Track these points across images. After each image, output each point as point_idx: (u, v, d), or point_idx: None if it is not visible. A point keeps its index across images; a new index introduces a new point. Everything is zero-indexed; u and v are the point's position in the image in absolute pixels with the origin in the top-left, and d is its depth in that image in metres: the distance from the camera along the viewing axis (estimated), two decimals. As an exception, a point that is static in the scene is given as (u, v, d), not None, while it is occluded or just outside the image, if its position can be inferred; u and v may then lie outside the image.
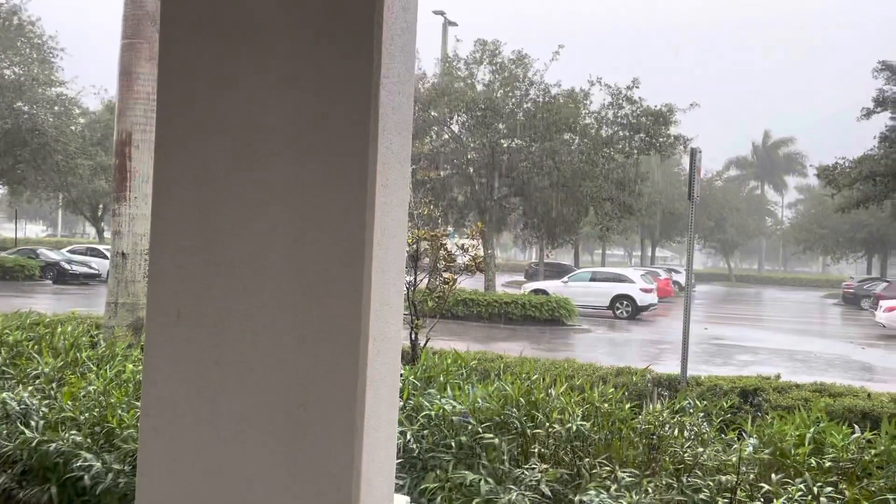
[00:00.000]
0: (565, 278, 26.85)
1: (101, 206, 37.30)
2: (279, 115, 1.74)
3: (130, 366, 4.44)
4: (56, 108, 28.74)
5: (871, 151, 21.24)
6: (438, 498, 3.01)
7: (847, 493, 2.94)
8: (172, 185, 1.82)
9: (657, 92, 24.85)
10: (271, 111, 1.75)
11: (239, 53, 1.77)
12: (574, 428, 3.25)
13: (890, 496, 2.90)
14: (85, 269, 28.44)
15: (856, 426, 3.44)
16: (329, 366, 1.69)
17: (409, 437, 3.30)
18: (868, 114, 21.39)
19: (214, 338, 1.79)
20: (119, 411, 3.66)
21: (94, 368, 4.65)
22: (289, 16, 1.74)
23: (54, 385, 4.30)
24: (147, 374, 1.83)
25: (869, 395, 6.33)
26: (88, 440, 3.50)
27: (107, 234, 35.32)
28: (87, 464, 3.28)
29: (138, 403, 2.08)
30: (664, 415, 3.37)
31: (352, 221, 1.69)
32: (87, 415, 3.68)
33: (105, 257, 26.56)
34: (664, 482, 2.91)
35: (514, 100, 23.15)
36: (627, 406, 3.63)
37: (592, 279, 25.81)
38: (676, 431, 3.38)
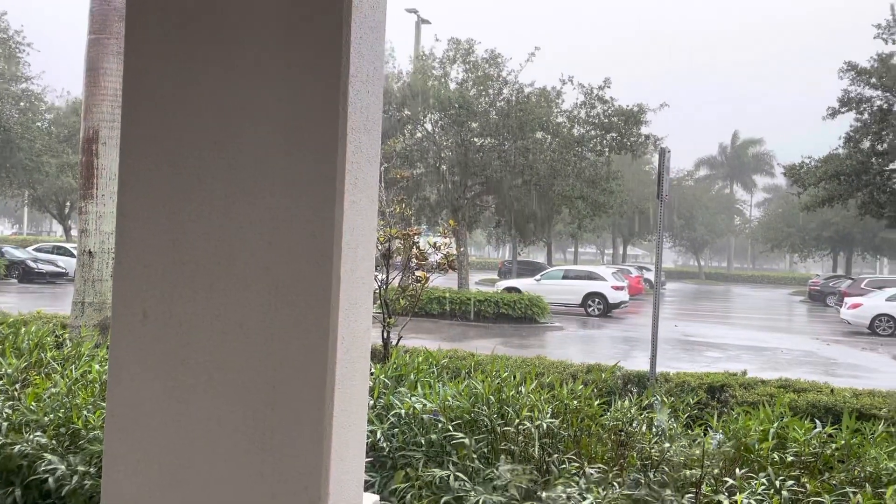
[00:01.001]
0: (538, 276, 27.00)
1: (68, 203, 36.63)
2: (247, 114, 1.74)
3: (97, 366, 4.38)
4: (22, 103, 28.16)
5: (836, 151, 21.66)
6: (408, 496, 3.02)
7: (809, 486, 3.01)
8: (138, 183, 1.80)
9: (629, 92, 25.13)
10: (239, 109, 1.74)
11: (206, 51, 1.76)
12: (544, 425, 3.28)
13: (850, 489, 2.98)
14: (51, 268, 27.90)
15: (817, 421, 3.52)
16: (298, 365, 1.69)
17: (379, 435, 3.31)
18: (833, 114, 21.80)
19: (182, 337, 1.77)
20: (85, 412, 3.60)
21: (60, 369, 4.57)
22: (257, 14, 1.73)
23: (18, 386, 4.22)
24: (113, 373, 1.81)
25: (832, 390, 6.48)
26: (53, 442, 3.44)
27: (74, 233, 34.70)
28: (51, 466, 3.23)
29: (104, 404, 2.06)
30: (632, 411, 3.42)
31: (321, 220, 1.69)
32: (51, 416, 3.62)
33: (72, 256, 26.08)
34: (631, 477, 2.95)
35: (487, 98, 23.22)
36: (596, 403, 3.68)
37: (565, 277, 25.99)
38: (644, 427, 3.43)
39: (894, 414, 5.14)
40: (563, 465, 3.13)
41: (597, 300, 24.55)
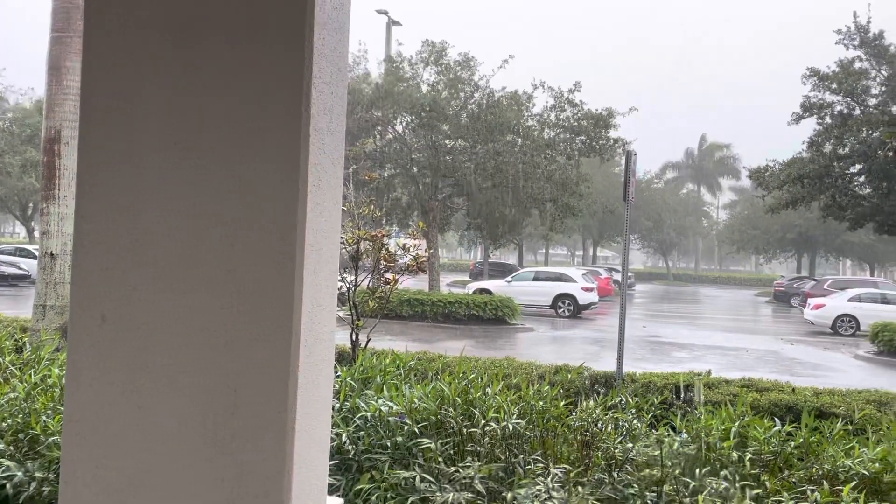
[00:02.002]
0: (509, 278, 27.11)
1: (31, 204, 35.86)
2: (209, 114, 1.72)
3: (56, 370, 4.29)
4: (-19, 101, 27.53)
5: (799, 155, 22.12)
6: (373, 498, 3.01)
7: (769, 484, 3.06)
8: (98, 184, 1.78)
9: (599, 99, 25.43)
10: (202, 110, 1.73)
11: (167, 51, 1.74)
12: (510, 426, 3.30)
13: (808, 487, 3.04)
14: (13, 270, 27.29)
15: (776, 420, 3.59)
16: (260, 368, 1.68)
17: (344, 438, 3.29)
18: (797, 119, 22.27)
19: (142, 341, 1.75)
20: (44, 417, 3.53)
21: (18, 373, 4.48)
22: (219, 15, 1.72)
23: (-25, 391, 4.12)
24: (71, 377, 1.78)
25: (793, 389, 6.60)
26: (11, 448, 3.37)
27: (37, 234, 33.96)
28: (9, 473, 3.16)
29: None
30: (597, 412, 3.45)
31: (283, 222, 1.68)
32: (9, 421, 3.54)
33: (35, 258, 25.53)
34: (596, 477, 2.98)
35: (458, 101, 23.27)
36: (562, 403, 3.70)
37: (535, 279, 26.14)
38: (610, 427, 3.46)
39: (852, 412, 5.26)
40: (529, 466, 3.15)
41: (567, 301, 24.72)
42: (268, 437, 1.67)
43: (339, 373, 4.01)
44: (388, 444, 3.28)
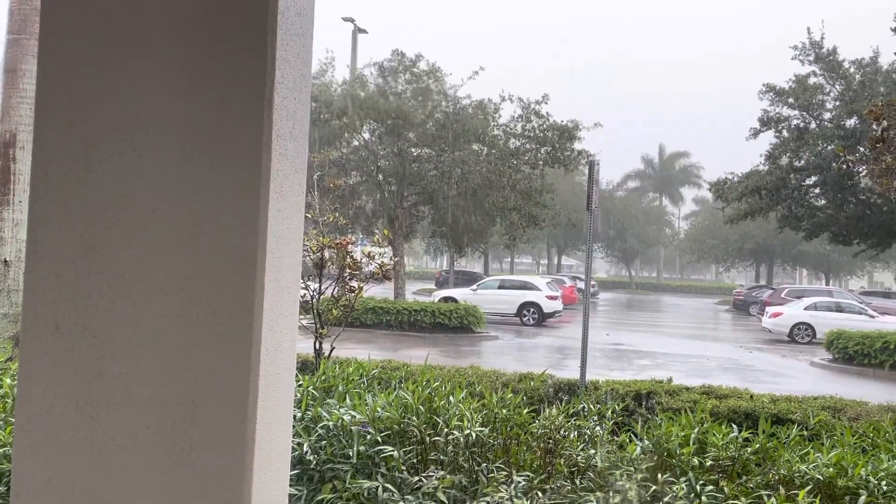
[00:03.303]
0: (474, 286, 27.18)
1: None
2: (168, 119, 1.70)
3: (8, 380, 4.18)
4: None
5: (757, 168, 22.64)
6: (336, 508, 2.98)
7: (727, 489, 3.11)
8: (51, 189, 1.74)
9: (564, 113, 25.75)
10: (160, 114, 1.70)
11: (126, 54, 1.71)
12: (473, 434, 3.30)
13: (765, 492, 3.10)
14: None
15: (734, 426, 3.65)
16: (219, 377, 1.65)
17: (306, 448, 3.25)
18: (756, 134, 22.81)
19: (97, 349, 1.71)
20: (-5, 429, 3.43)
21: (-31, 384, 4.34)
22: (180, 18, 1.70)
23: (-77, 402, 3.98)
24: (22, 388, 1.73)
25: (751, 396, 6.73)
26: (-40, 461, 3.26)
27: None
28: (-43, 486, 3.06)
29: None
30: (559, 419, 3.47)
31: (244, 228, 1.66)
32: (-41, 434, 3.43)
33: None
34: (558, 484, 3.00)
35: (425, 110, 23.32)
36: (526, 411, 3.71)
37: (501, 287, 26.25)
38: (573, 435, 3.49)
39: (808, 419, 5.37)
40: (492, 474, 3.15)
41: (532, 310, 24.87)
42: (227, 448, 1.64)
43: (300, 382, 3.97)
44: (351, 453, 3.25)
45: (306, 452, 3.24)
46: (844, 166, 18.21)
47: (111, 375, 1.69)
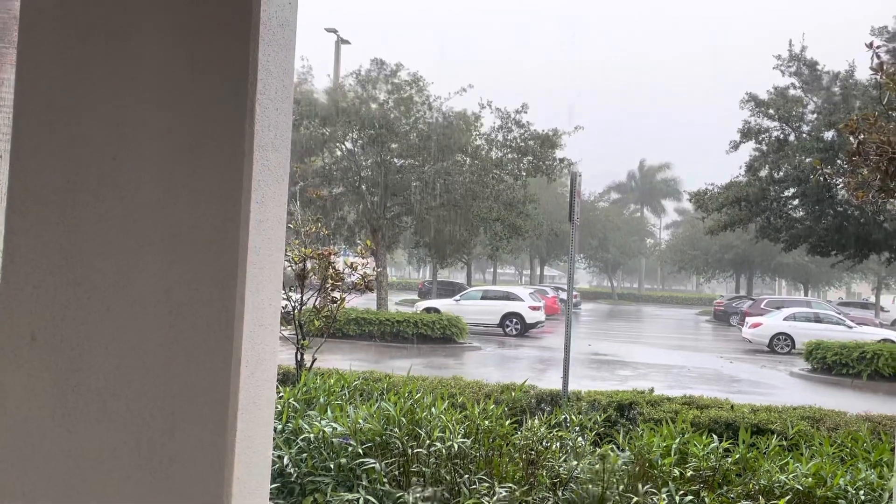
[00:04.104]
0: (457, 297, 27.17)
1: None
2: (149, 129, 1.68)
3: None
4: None
5: (737, 179, 22.88)
6: (317, 522, 2.96)
7: (707, 500, 3.13)
8: (29, 199, 1.72)
9: (543, 119, 25.90)
10: (141, 124, 1.69)
11: (106, 64, 1.70)
12: (455, 446, 3.29)
13: (745, 502, 3.11)
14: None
15: (714, 436, 3.67)
16: (199, 390, 1.63)
17: (286, 461, 3.22)
18: (736, 146, 23.06)
19: (74, 362, 1.69)
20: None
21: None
22: (161, 28, 1.69)
23: None
24: (-4, 401, 1.70)
25: (732, 406, 6.77)
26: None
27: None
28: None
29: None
30: (541, 430, 3.47)
31: (224, 239, 1.65)
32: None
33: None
34: (540, 496, 2.99)
35: (409, 120, 23.36)
36: (507, 423, 3.71)
37: (483, 297, 26.27)
38: (555, 446, 3.49)
39: (787, 429, 5.41)
40: (474, 486, 3.14)
41: (514, 320, 24.90)
42: (206, 461, 1.62)
43: (281, 393, 3.94)
44: (332, 465, 3.22)
45: (287, 465, 3.22)
46: (822, 179, 18.47)
47: (89, 388, 1.67)
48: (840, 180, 15.43)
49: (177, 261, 1.65)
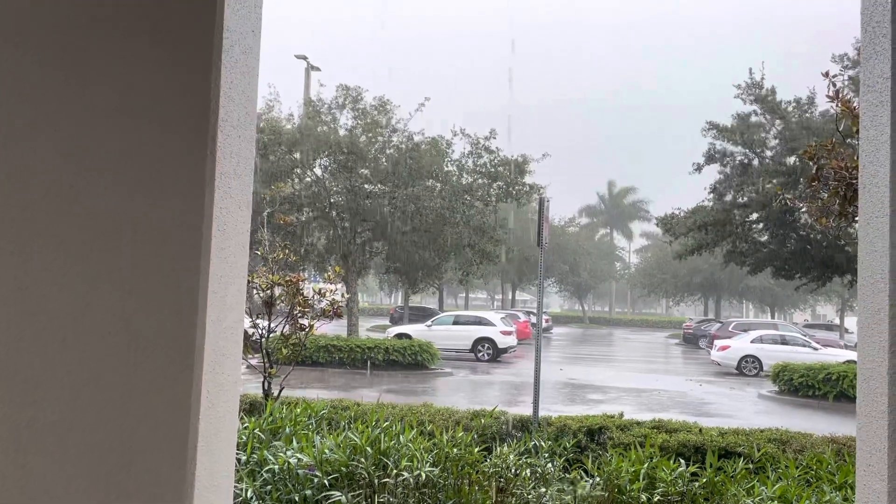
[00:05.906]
0: (429, 322, 27.09)
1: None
2: (108, 156, 1.66)
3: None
4: None
5: (703, 203, 23.27)
6: (282, 556, 2.89)
7: (676, 524, 3.13)
8: (-17, 228, 1.67)
9: (512, 146, 26.17)
10: (100, 152, 1.66)
11: (64, 90, 1.68)
12: (423, 475, 3.25)
13: (713, 526, 3.12)
14: None
15: (682, 461, 3.68)
16: (158, 423, 1.60)
17: (250, 493, 3.15)
18: (699, 168, 23.47)
19: (28, 395, 1.64)
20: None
21: None
22: (121, 55, 1.67)
23: None
24: (-55, 436, 1.64)
25: (700, 429, 6.81)
26: None
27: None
28: None
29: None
30: (511, 457, 3.45)
31: (185, 268, 1.62)
32: None
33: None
34: (510, 525, 2.97)
35: (377, 145, 23.43)
36: (477, 450, 3.68)
37: (455, 323, 26.22)
38: (525, 473, 3.46)
39: (752, 452, 5.45)
40: (443, 516, 3.10)
41: (486, 345, 24.88)
42: (166, 496, 1.58)
43: (246, 424, 3.86)
44: (297, 498, 3.16)
45: (251, 498, 3.15)
46: (783, 203, 18.87)
47: (43, 422, 1.62)
48: (802, 205, 15.78)
49: (136, 290, 1.62)
